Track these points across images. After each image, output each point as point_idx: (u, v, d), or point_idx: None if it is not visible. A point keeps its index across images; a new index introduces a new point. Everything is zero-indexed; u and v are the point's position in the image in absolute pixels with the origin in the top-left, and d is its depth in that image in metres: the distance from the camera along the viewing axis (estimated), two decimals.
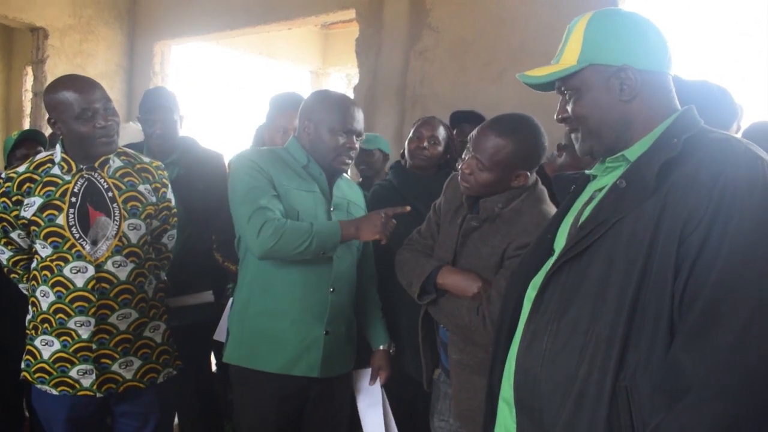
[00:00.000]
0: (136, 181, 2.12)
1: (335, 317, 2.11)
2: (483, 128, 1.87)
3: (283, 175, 2.07)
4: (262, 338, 2.06)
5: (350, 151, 2.13)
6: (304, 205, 2.07)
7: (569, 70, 1.27)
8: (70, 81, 2.01)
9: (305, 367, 2.06)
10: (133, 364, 2.09)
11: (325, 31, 8.24)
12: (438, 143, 2.63)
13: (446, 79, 4.39)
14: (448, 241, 1.98)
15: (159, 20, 6.23)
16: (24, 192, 2.02)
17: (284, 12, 5.35)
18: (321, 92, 2.25)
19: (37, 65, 5.91)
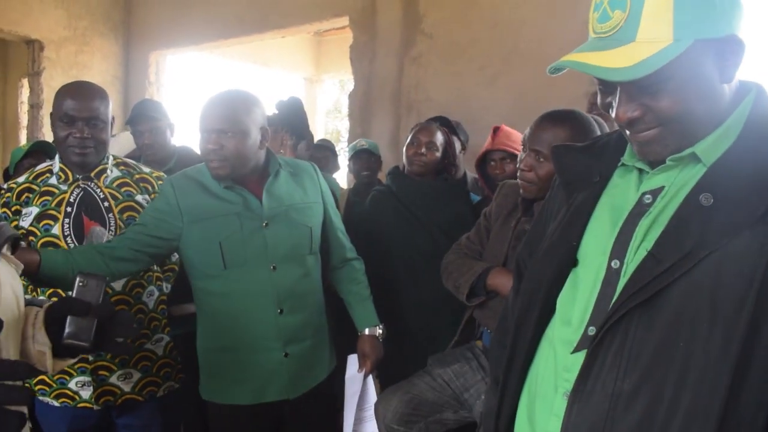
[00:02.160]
0: (133, 192, 2.09)
1: (292, 338, 1.96)
2: (537, 122, 1.85)
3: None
4: (226, 372, 1.97)
5: (210, 153, 1.88)
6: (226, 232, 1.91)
7: (672, 51, 0.88)
8: (70, 86, 2.00)
9: (275, 392, 1.96)
10: (132, 377, 2.06)
11: (318, 38, 8.27)
12: (436, 149, 2.63)
13: (441, 84, 4.41)
14: (499, 245, 1.97)
15: (153, 31, 6.26)
16: (22, 202, 2.01)
17: (278, 21, 5.38)
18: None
19: (33, 77, 5.93)
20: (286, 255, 1.95)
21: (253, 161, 1.94)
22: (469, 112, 3.53)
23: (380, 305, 2.26)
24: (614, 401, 0.92)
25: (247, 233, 1.91)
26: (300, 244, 1.99)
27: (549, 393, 1.03)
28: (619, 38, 0.91)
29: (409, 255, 2.58)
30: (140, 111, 2.91)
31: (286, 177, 2.03)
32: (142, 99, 3.02)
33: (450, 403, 2.09)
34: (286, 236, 1.96)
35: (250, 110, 1.90)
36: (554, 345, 1.05)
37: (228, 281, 1.91)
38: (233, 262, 1.90)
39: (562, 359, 1.02)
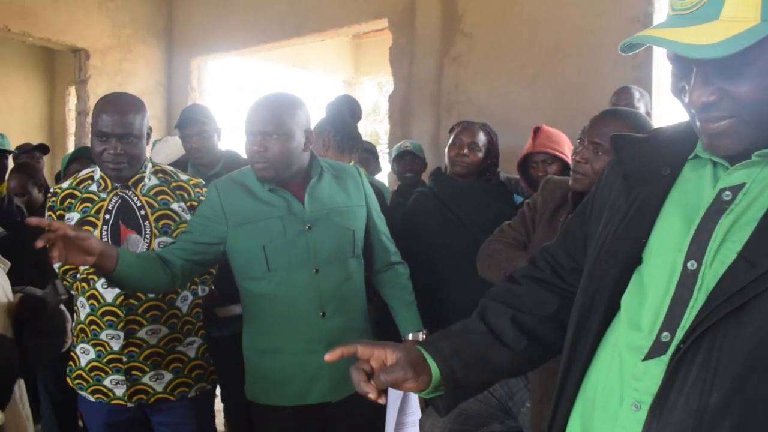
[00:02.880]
0: (169, 200, 2.12)
1: (335, 342, 1.89)
2: (600, 115, 1.86)
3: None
4: (269, 375, 2.00)
5: (256, 155, 1.90)
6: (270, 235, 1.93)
7: (761, 31, 0.80)
8: (105, 101, 2.03)
9: (317, 395, 1.98)
10: (164, 377, 2.10)
11: (357, 40, 8.29)
12: (478, 149, 2.60)
13: (481, 84, 4.36)
14: (547, 240, 1.94)
15: (195, 37, 6.35)
16: (65, 207, 2.08)
17: (317, 24, 5.40)
18: None
19: (80, 85, 6.07)
20: (328, 258, 1.97)
21: (297, 164, 1.97)
22: (510, 112, 3.49)
23: (423, 308, 2.25)
24: (699, 418, 0.84)
25: (290, 236, 1.93)
26: (342, 247, 2.00)
27: (612, 403, 0.96)
28: (700, 15, 0.83)
29: (452, 257, 2.55)
30: (189, 115, 2.95)
31: (329, 180, 2.05)
32: (191, 104, 3.06)
33: (496, 414, 2.06)
34: (329, 239, 1.97)
35: (295, 113, 1.93)
36: (619, 350, 0.97)
37: (272, 284, 1.94)
38: (277, 265, 1.93)
39: (630, 367, 0.94)
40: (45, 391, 3.05)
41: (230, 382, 2.69)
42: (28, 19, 5.49)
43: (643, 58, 3.69)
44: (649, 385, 0.91)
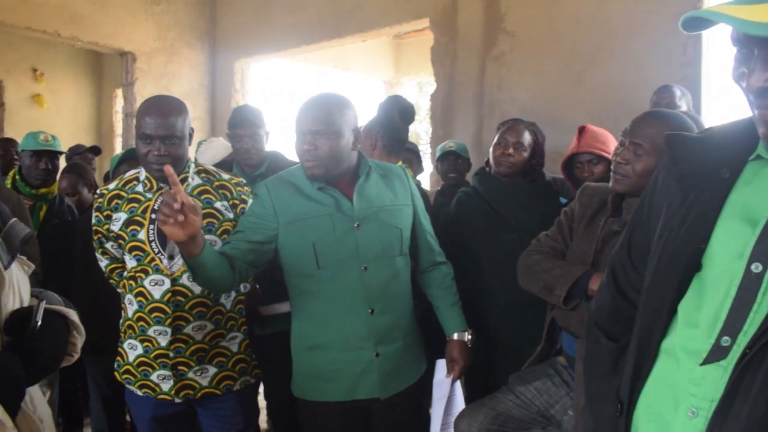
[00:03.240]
0: (213, 199, 2.15)
1: (383, 338, 1.99)
2: (642, 116, 1.84)
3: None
4: (317, 371, 2.01)
5: (305, 153, 1.93)
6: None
7: None
8: (148, 104, 2.07)
9: (365, 391, 1.99)
10: (208, 372, 2.14)
11: (397, 40, 8.30)
12: (524, 149, 2.57)
13: (524, 84, 4.32)
14: (586, 246, 1.92)
15: (238, 39, 6.43)
16: (113, 207, 2.12)
17: (358, 25, 5.41)
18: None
19: (127, 87, 6.21)
20: (376, 256, 1.98)
21: (346, 162, 1.98)
22: (554, 111, 3.44)
23: (467, 309, 2.23)
24: (767, 426, 0.81)
25: (339, 234, 1.95)
26: (390, 245, 2.02)
27: (666, 409, 0.94)
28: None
29: (496, 258, 2.53)
30: (243, 117, 2.97)
31: (376, 179, 2.06)
32: (243, 104, 3.08)
33: (537, 420, 2.03)
34: (377, 237, 1.99)
35: (344, 112, 1.95)
36: (676, 355, 0.95)
37: (321, 281, 1.96)
38: (326, 262, 1.94)
39: (687, 371, 0.91)
40: (94, 386, 3.11)
41: (273, 379, 2.72)
42: (77, 24, 5.64)
43: (692, 55, 3.60)
44: (707, 390, 0.88)
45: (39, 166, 3.15)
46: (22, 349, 1.10)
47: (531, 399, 2.04)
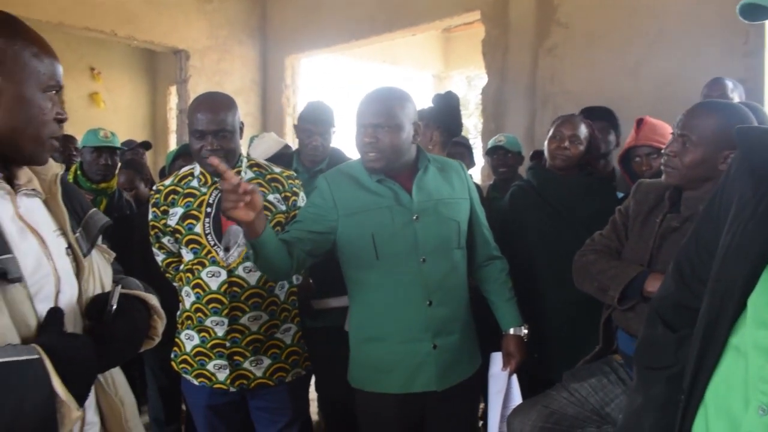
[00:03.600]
0: (265, 191, 2.19)
1: (441, 331, 2.00)
2: (692, 107, 1.81)
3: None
4: (375, 362, 2.04)
5: (367, 146, 1.95)
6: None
7: None
8: (199, 101, 2.13)
9: (423, 383, 2.01)
10: (263, 363, 2.18)
11: (446, 34, 8.24)
12: (580, 142, 2.51)
13: (578, 76, 4.22)
14: (642, 244, 1.88)
15: (288, 36, 6.49)
16: (169, 203, 2.18)
17: (408, 19, 5.39)
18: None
19: (181, 85, 6.34)
20: (435, 248, 1.99)
21: (406, 155, 2.01)
22: (609, 103, 3.35)
23: (521, 305, 2.22)
24: None
25: (398, 226, 1.97)
26: (448, 237, 2.03)
27: (735, 407, 0.91)
28: None
29: (551, 253, 2.48)
30: (318, 115, 2.99)
31: (434, 172, 2.07)
32: (319, 100, 3.08)
33: (592, 418, 1.99)
34: (435, 230, 2.00)
35: (404, 105, 1.97)
36: (745, 352, 0.92)
37: (380, 272, 1.99)
38: (385, 254, 1.97)
39: (757, 368, 0.88)
40: (152, 375, 3.19)
41: (324, 372, 2.74)
42: (134, 24, 5.77)
43: (754, 45, 3.47)
44: None
45: (99, 161, 3.23)
46: (97, 333, 1.13)
47: (586, 396, 2.00)
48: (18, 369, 0.89)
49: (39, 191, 1.19)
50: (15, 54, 1.07)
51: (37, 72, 1.10)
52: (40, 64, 1.11)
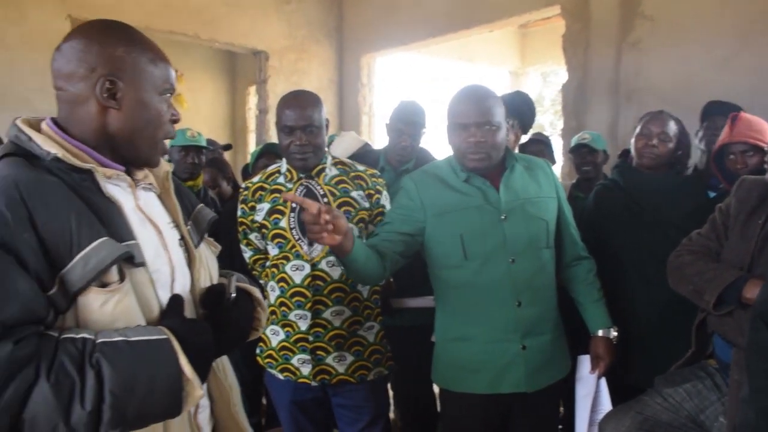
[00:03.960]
0: (349, 188, 2.22)
1: (530, 331, 1.98)
2: None
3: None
4: (463, 361, 2.03)
5: (472, 146, 1.94)
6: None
7: None
8: (288, 98, 2.19)
9: (511, 384, 1.99)
10: (346, 359, 2.20)
11: (523, 30, 8.11)
12: (669, 140, 2.43)
13: (664, 71, 4.07)
14: (743, 246, 1.81)
15: (364, 35, 6.53)
16: (257, 199, 2.25)
17: (485, 15, 5.33)
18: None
19: (260, 85, 6.47)
20: (523, 248, 1.97)
21: (501, 154, 2.02)
22: (699, 99, 3.22)
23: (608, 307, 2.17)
24: None
25: (487, 226, 1.96)
26: (537, 237, 2.00)
27: None
28: None
29: (639, 254, 2.41)
30: (409, 115, 2.99)
31: (521, 171, 2.06)
32: (411, 101, 3.09)
33: (687, 425, 1.92)
34: (524, 229, 1.98)
35: (500, 104, 1.99)
36: None
37: (468, 272, 1.98)
38: (474, 255, 1.96)
39: None
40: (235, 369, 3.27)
41: (402, 371, 2.74)
42: (215, 26, 5.93)
43: None
44: None
45: (186, 160, 3.34)
46: (215, 321, 1.20)
47: (680, 402, 1.93)
48: (150, 347, 0.96)
49: (155, 186, 1.26)
50: (134, 61, 1.14)
51: (153, 77, 1.17)
52: (156, 69, 1.18)
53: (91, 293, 0.99)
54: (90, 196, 1.07)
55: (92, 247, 0.99)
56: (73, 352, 0.92)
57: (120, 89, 1.12)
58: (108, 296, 1.00)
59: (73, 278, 0.98)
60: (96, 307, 1.00)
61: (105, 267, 0.99)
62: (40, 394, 0.88)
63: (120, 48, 1.12)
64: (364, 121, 6.56)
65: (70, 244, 0.98)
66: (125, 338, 0.96)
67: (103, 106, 1.12)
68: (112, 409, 0.91)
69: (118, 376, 0.92)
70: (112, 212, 1.09)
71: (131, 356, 0.94)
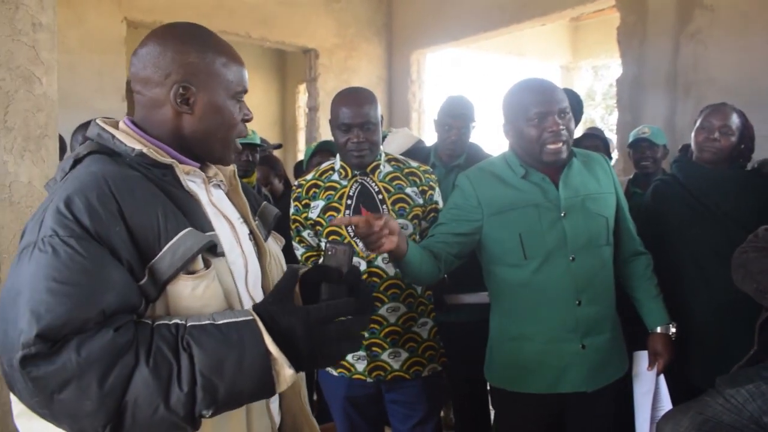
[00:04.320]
0: (403, 185, 2.23)
1: (590, 330, 1.95)
2: None
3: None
4: (521, 361, 2.00)
5: (554, 136, 1.88)
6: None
7: None
8: (343, 95, 2.20)
9: (570, 384, 1.95)
10: (400, 356, 2.20)
11: (575, 23, 7.97)
12: (731, 133, 2.36)
13: (725, 62, 3.94)
14: None
15: (414, 31, 6.53)
16: (311, 196, 2.26)
17: (538, 8, 5.26)
18: (509, 88, 2.03)
19: (310, 83, 6.54)
20: (584, 246, 1.94)
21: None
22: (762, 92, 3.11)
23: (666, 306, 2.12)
24: None
25: (546, 224, 1.93)
26: (597, 234, 1.97)
27: None
28: None
29: (700, 252, 2.35)
30: (457, 108, 2.98)
31: (579, 167, 2.02)
32: (460, 95, 3.08)
33: (750, 427, 1.85)
34: (584, 227, 1.94)
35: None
36: None
37: (528, 272, 1.95)
38: (533, 253, 1.93)
39: None
40: None
41: (455, 367, 2.72)
42: (266, 25, 6.02)
43: None
44: None
45: (241, 158, 3.38)
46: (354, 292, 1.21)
47: (743, 403, 1.87)
48: (236, 328, 0.99)
49: (224, 183, 1.31)
50: (207, 66, 1.17)
51: (226, 80, 1.20)
52: (229, 73, 1.21)
53: (180, 281, 1.04)
54: (171, 189, 1.12)
55: (179, 237, 1.04)
56: (168, 337, 0.97)
57: (193, 94, 1.16)
58: (197, 282, 1.05)
59: (162, 267, 1.03)
60: (187, 293, 1.05)
61: (192, 255, 1.04)
62: (141, 377, 0.93)
63: (193, 54, 1.16)
64: (414, 118, 6.55)
65: (158, 235, 1.03)
66: (212, 321, 0.99)
67: (177, 111, 1.17)
68: (204, 390, 0.94)
69: (206, 358, 0.95)
70: (192, 205, 1.14)
71: (218, 338, 0.97)
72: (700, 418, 1.88)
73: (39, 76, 2.19)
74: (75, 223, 0.97)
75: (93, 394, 0.90)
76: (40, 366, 0.90)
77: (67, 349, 0.91)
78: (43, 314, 0.91)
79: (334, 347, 1.04)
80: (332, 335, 1.03)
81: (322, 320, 1.03)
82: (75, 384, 0.90)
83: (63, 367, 0.90)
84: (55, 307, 0.92)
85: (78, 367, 0.90)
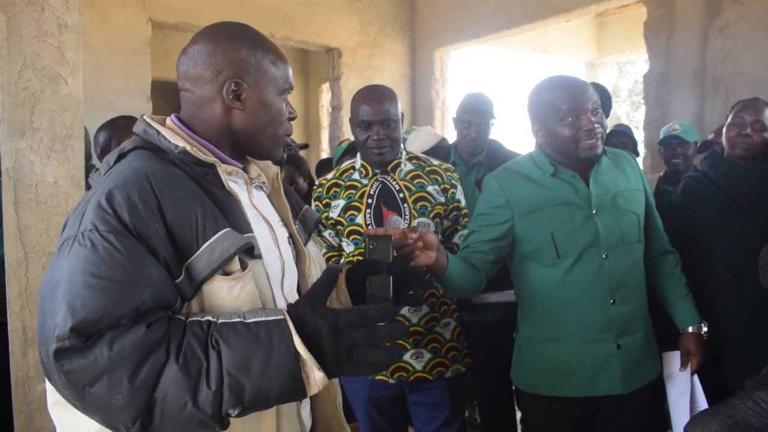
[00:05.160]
0: (425, 183, 2.21)
1: (624, 330, 1.91)
2: None
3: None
4: (554, 364, 1.95)
5: (589, 134, 1.83)
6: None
7: None
8: (363, 92, 2.19)
9: (605, 386, 1.91)
10: (423, 356, 2.18)
11: (600, 18, 7.87)
12: (764, 129, 2.32)
13: (755, 56, 3.86)
14: None
15: (437, 29, 6.50)
16: (331, 196, 2.25)
17: (563, 4, 5.20)
18: (536, 86, 1.98)
19: (334, 82, 6.54)
20: (617, 243, 1.90)
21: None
22: None
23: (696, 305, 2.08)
24: None
25: (578, 222, 1.89)
26: (629, 231, 1.93)
27: None
28: None
29: (731, 250, 2.31)
30: (476, 105, 2.97)
31: (608, 164, 1.98)
32: (478, 92, 3.06)
33: None
34: (616, 224, 1.91)
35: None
36: None
37: (560, 271, 1.91)
38: (566, 252, 1.90)
39: None
40: None
41: (480, 367, 2.70)
42: (289, 25, 6.03)
43: None
44: None
45: None
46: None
47: None
48: (265, 327, 0.98)
49: (267, 185, 1.31)
50: (257, 63, 1.19)
51: (275, 77, 1.22)
52: (277, 70, 1.22)
53: (216, 281, 1.04)
54: (212, 188, 1.13)
55: (217, 237, 1.04)
56: (199, 334, 0.97)
57: (245, 90, 1.18)
58: (232, 283, 1.05)
59: (199, 267, 1.03)
60: (222, 294, 1.05)
61: (229, 256, 1.04)
62: (170, 374, 0.93)
63: (244, 51, 1.18)
64: (437, 116, 6.52)
65: (196, 235, 1.04)
66: (242, 320, 0.99)
67: (228, 107, 1.18)
68: (230, 389, 0.94)
69: (233, 356, 0.95)
70: (232, 205, 1.14)
71: (246, 336, 0.96)
72: (729, 421, 1.85)
73: (65, 77, 2.21)
74: (115, 219, 0.98)
75: (123, 389, 0.91)
76: (73, 359, 0.91)
77: (100, 344, 0.92)
78: (78, 308, 0.92)
79: (359, 353, 0.99)
80: (359, 341, 0.99)
81: (350, 324, 1.00)
82: (106, 378, 0.91)
83: (95, 362, 0.91)
84: (90, 302, 0.92)
85: (110, 362, 0.91)
